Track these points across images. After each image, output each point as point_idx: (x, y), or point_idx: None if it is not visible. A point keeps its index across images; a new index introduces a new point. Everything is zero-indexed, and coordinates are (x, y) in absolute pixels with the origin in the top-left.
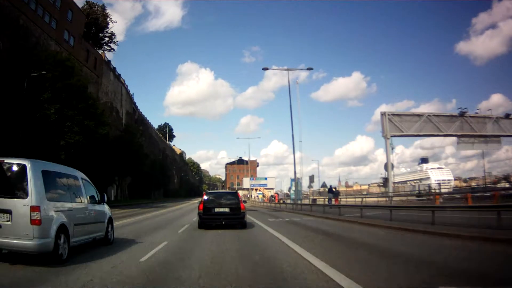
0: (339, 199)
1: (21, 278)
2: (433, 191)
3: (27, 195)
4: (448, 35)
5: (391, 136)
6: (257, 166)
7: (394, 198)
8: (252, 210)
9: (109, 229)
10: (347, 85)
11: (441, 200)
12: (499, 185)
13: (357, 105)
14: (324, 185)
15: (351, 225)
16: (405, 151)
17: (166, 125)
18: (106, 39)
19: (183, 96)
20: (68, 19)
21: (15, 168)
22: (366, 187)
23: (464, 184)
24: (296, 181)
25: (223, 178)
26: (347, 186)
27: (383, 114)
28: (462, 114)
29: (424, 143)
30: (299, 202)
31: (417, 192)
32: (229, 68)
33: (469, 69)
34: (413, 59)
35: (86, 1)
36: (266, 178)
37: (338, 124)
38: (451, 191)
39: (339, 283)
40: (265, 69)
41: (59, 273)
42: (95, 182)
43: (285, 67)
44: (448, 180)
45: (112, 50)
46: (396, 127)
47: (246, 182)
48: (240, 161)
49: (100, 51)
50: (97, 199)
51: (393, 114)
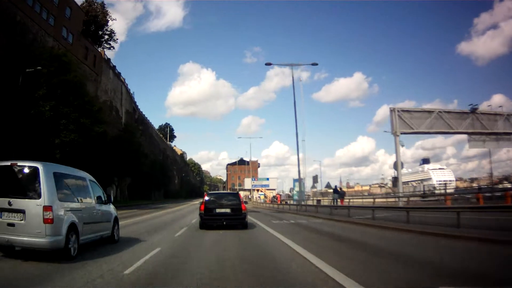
0: (347, 200)
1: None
2: (439, 192)
3: (40, 196)
4: (450, 36)
5: (401, 134)
6: (258, 167)
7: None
8: (254, 212)
9: (115, 228)
10: (349, 86)
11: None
12: (501, 186)
13: (359, 106)
14: (328, 186)
15: (365, 229)
16: (406, 152)
17: (167, 126)
18: (106, 37)
19: (185, 97)
20: (67, 16)
21: (28, 171)
22: (368, 188)
23: (465, 185)
24: (300, 182)
25: (224, 179)
26: (348, 187)
27: (392, 110)
28: (473, 111)
29: (426, 144)
30: (304, 203)
31: (423, 193)
32: (231, 69)
33: (471, 70)
34: (415, 60)
35: None
36: (268, 179)
37: (339, 125)
38: (463, 192)
39: None
40: (268, 64)
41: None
42: None
43: (289, 63)
44: (450, 181)
45: (112, 48)
46: (406, 124)
47: (248, 183)
48: (241, 162)
49: (100, 49)
50: (104, 200)
51: (403, 110)
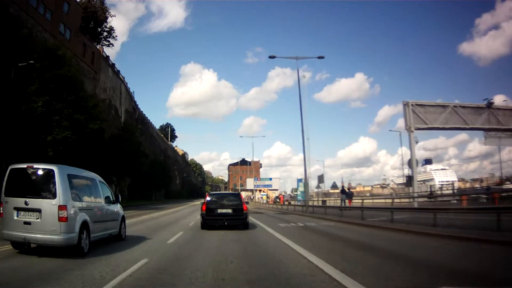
0: (360, 201)
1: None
2: (447, 192)
3: (55, 196)
4: (451, 36)
5: (415, 129)
6: (260, 167)
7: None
8: (258, 213)
9: (122, 227)
10: (350, 86)
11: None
12: (504, 186)
13: (360, 106)
14: (334, 186)
15: (386, 233)
16: (408, 153)
17: (168, 126)
18: (105, 34)
19: (186, 97)
20: (64, 11)
21: (44, 172)
22: (369, 189)
23: (467, 185)
24: (306, 181)
25: (226, 180)
26: (350, 188)
27: (406, 104)
28: (489, 106)
29: (427, 144)
30: (310, 204)
31: (429, 193)
32: (232, 69)
33: (473, 70)
34: (416, 60)
35: None
36: (271, 179)
37: (341, 125)
38: (476, 191)
39: None
40: (272, 57)
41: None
42: None
43: (294, 56)
44: (452, 181)
45: (111, 45)
46: (420, 119)
47: (250, 183)
48: (243, 162)
49: (98, 46)
50: (112, 199)
51: (417, 105)
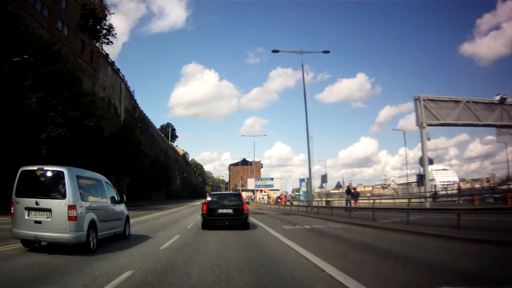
0: (371, 201)
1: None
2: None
3: (65, 196)
4: (453, 36)
5: (427, 125)
6: (261, 167)
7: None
8: (259, 214)
9: (126, 226)
10: (352, 86)
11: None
12: (506, 186)
13: (361, 107)
14: (338, 186)
15: (407, 237)
16: (409, 153)
17: (169, 125)
18: (104, 32)
19: (188, 97)
20: (62, 8)
21: (54, 174)
22: (370, 189)
23: (468, 186)
24: (310, 181)
25: (227, 180)
26: (351, 187)
27: (417, 99)
28: (502, 101)
29: (428, 144)
30: (316, 205)
31: (433, 193)
32: (234, 69)
33: (474, 70)
34: (418, 60)
35: None
36: (273, 179)
37: (342, 126)
38: (487, 191)
39: None
40: (276, 51)
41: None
42: None
43: (298, 50)
44: (453, 182)
45: (111, 43)
46: (432, 115)
47: (251, 183)
48: (244, 162)
49: (98, 44)
50: (117, 200)
51: (429, 100)
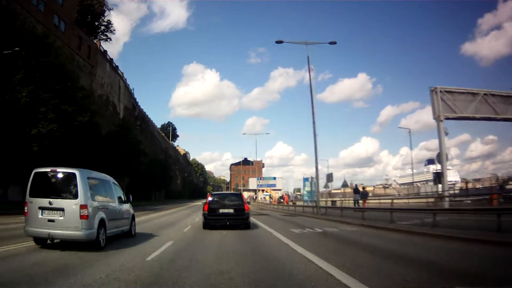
0: (389, 201)
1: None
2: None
3: (77, 196)
4: (454, 36)
5: (445, 119)
6: (263, 167)
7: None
8: (263, 215)
9: (132, 225)
10: (353, 86)
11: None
12: (508, 186)
13: (363, 106)
14: (345, 185)
15: (439, 243)
16: (411, 153)
17: (169, 124)
18: (102, 28)
19: (189, 97)
20: (59, 3)
21: (67, 176)
22: (371, 189)
23: (470, 185)
24: (317, 180)
25: (228, 180)
26: (352, 188)
27: (433, 91)
28: None
29: (429, 145)
30: (324, 205)
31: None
32: (235, 69)
33: (475, 70)
34: (419, 60)
35: None
36: (275, 178)
37: (343, 126)
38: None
39: None
40: (279, 42)
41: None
42: None
43: (303, 41)
44: (455, 182)
45: (109, 40)
46: (449, 108)
47: (253, 183)
48: (246, 162)
49: (96, 40)
50: (124, 199)
51: (446, 91)
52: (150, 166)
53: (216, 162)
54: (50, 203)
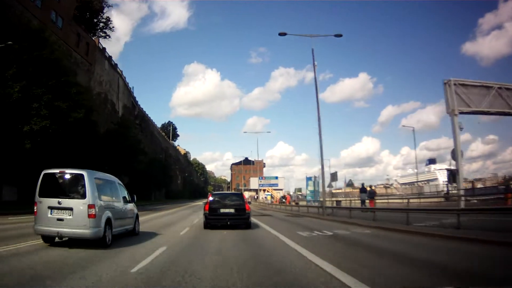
0: (405, 201)
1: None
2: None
3: (85, 196)
4: (455, 36)
5: (459, 113)
6: (264, 167)
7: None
8: (265, 215)
9: (136, 223)
10: (354, 86)
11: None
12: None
13: (364, 106)
14: (350, 184)
15: (481, 249)
16: (411, 153)
17: (170, 124)
18: (101, 25)
19: (189, 97)
20: None
21: (75, 176)
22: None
23: (470, 185)
24: (323, 179)
25: (229, 180)
26: (353, 188)
27: (447, 84)
28: None
29: (430, 144)
30: (332, 205)
31: (445, 193)
32: (236, 69)
33: (476, 70)
34: (419, 60)
35: None
36: (277, 177)
37: (344, 125)
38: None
39: None
40: (283, 35)
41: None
42: None
43: (308, 34)
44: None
45: (108, 37)
46: (463, 101)
47: (254, 183)
48: (246, 162)
49: (95, 38)
50: (128, 199)
51: (460, 84)
52: (150, 166)
53: (217, 162)
54: (59, 203)
